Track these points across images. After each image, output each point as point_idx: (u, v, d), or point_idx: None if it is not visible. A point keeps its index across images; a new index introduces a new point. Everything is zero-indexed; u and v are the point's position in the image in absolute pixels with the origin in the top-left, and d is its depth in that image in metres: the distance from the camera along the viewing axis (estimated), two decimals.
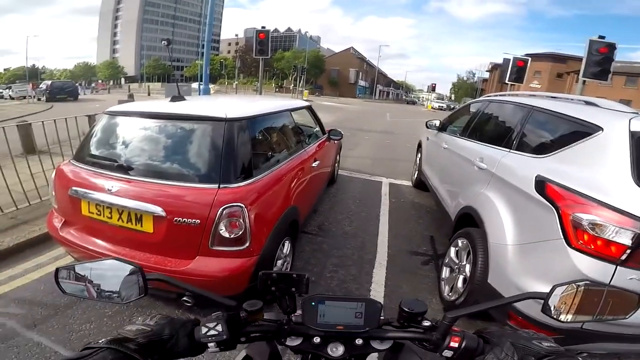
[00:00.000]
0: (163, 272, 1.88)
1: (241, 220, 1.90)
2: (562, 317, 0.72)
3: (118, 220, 2.01)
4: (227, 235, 1.90)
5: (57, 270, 0.69)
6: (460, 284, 2.44)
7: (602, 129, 1.87)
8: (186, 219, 1.88)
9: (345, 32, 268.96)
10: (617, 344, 1.74)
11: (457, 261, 2.60)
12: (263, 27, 9.53)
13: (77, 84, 28.71)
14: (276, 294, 0.72)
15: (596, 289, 0.73)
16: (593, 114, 2.04)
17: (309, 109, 4.05)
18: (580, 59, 7.27)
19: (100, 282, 0.69)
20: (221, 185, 1.93)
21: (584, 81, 7.27)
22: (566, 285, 0.73)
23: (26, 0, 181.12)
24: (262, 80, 11.34)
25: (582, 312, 0.73)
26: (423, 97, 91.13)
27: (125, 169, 2.10)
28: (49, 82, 23.74)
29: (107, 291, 0.69)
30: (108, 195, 2.00)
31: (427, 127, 4.98)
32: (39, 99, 22.07)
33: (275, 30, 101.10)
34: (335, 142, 4.45)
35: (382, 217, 4.22)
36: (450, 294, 2.54)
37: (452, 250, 2.69)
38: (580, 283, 0.73)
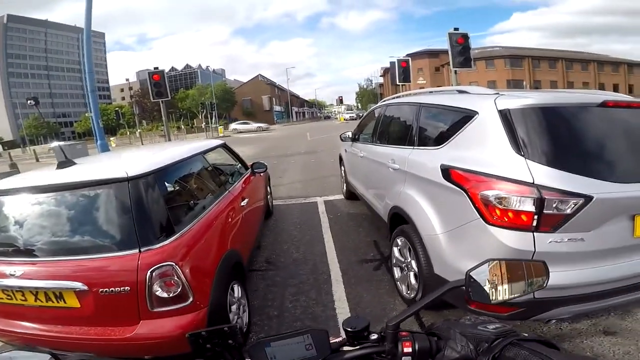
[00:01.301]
0: (107, 341, 1.78)
1: (176, 278, 1.80)
2: (497, 297, 0.75)
3: (35, 301, 1.83)
4: (165, 295, 1.79)
5: None
6: (413, 280, 2.54)
7: (477, 113, 2.10)
8: (113, 288, 1.73)
9: (251, 60, 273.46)
10: (574, 306, 1.79)
11: (403, 259, 2.70)
12: (156, 68, 9.03)
13: None
14: (216, 350, 0.69)
15: (511, 262, 0.76)
16: (467, 101, 2.30)
17: (224, 146, 3.93)
18: (447, 52, 8.51)
19: None
20: (142, 249, 1.81)
21: (455, 71, 8.45)
22: (481, 267, 0.76)
23: None
24: (167, 124, 10.67)
25: (513, 287, 0.75)
26: (335, 111, 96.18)
27: (25, 251, 1.90)
28: None
29: None
30: (13, 280, 1.80)
31: (342, 140, 5.29)
32: None
33: (173, 69, 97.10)
34: (261, 174, 4.39)
35: (325, 235, 4.31)
36: (408, 291, 2.62)
37: (395, 250, 2.81)
38: (491, 261, 0.76)
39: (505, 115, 1.93)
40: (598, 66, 45.43)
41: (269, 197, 5.19)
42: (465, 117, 2.21)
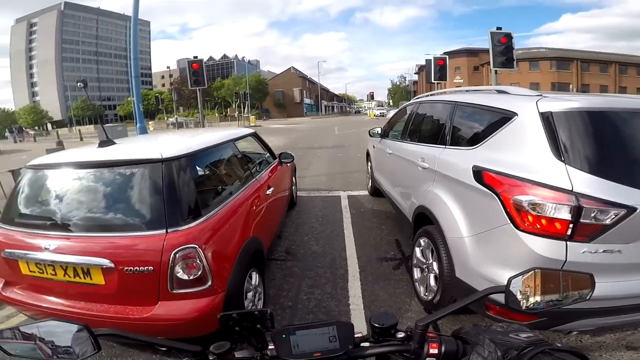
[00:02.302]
0: (126, 320, 1.82)
1: (198, 261, 1.84)
2: (527, 305, 0.74)
3: (64, 276, 1.90)
4: (185, 277, 1.83)
5: (1, 332, 0.64)
6: (432, 282, 2.49)
7: (517, 114, 2.00)
8: (138, 267, 1.79)
9: (284, 52, 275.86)
10: (600, 318, 1.74)
11: (424, 260, 2.64)
12: (195, 57, 9.30)
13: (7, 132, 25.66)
14: (242, 333, 0.70)
15: (550, 273, 0.75)
16: (506, 101, 2.20)
17: (254, 135, 3.99)
18: (488, 51, 8.12)
19: (53, 339, 0.65)
20: (169, 230, 1.85)
21: (496, 71, 8.06)
22: (522, 276, 0.74)
23: None
24: (202, 111, 11.01)
25: (545, 297, 0.74)
26: (365, 107, 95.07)
27: (61, 225, 1.97)
28: None
29: (62, 347, 0.65)
30: (47, 254, 1.87)
31: (371, 136, 5.20)
32: None
33: (211, 58, 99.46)
34: (288, 164, 4.42)
35: (346, 230, 4.28)
36: (426, 293, 2.57)
37: (417, 250, 2.75)
38: (535, 270, 0.74)
39: (548, 118, 1.82)
40: None
41: (293, 187, 5.22)
42: (503, 118, 2.11)
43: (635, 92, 38.62)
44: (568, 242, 1.63)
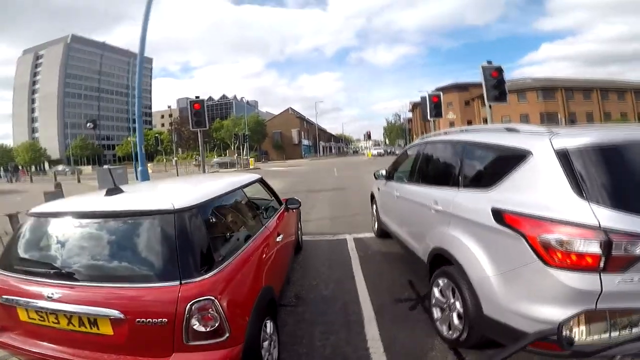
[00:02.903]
0: None
1: (214, 312, 1.77)
2: (580, 345, 0.76)
3: (68, 325, 1.82)
4: (202, 329, 1.75)
5: None
6: (456, 320, 2.44)
7: (531, 153, 2.02)
8: (150, 319, 1.71)
9: (282, 93, 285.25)
10: None
11: (444, 300, 2.61)
12: (197, 97, 9.14)
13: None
14: None
15: (597, 313, 0.78)
16: (518, 140, 2.21)
17: (261, 181, 3.97)
18: (477, 85, 8.38)
19: None
20: (183, 281, 1.79)
21: (490, 105, 8.20)
22: (570, 319, 0.77)
23: None
24: (203, 154, 10.70)
25: (598, 338, 0.77)
26: (362, 146, 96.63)
27: (66, 274, 1.91)
28: None
29: None
30: (49, 302, 1.81)
31: (376, 178, 5.24)
32: None
33: (210, 98, 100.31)
34: (294, 210, 4.39)
35: (355, 273, 4.17)
36: (450, 332, 2.52)
37: (436, 290, 2.71)
38: (582, 311, 0.78)
39: (564, 156, 1.86)
40: (636, 95, 43.34)
41: (299, 232, 5.17)
42: (518, 157, 2.13)
43: (619, 118, 40.30)
44: (602, 274, 1.66)
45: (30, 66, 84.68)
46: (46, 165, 60.73)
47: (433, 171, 3.51)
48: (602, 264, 1.65)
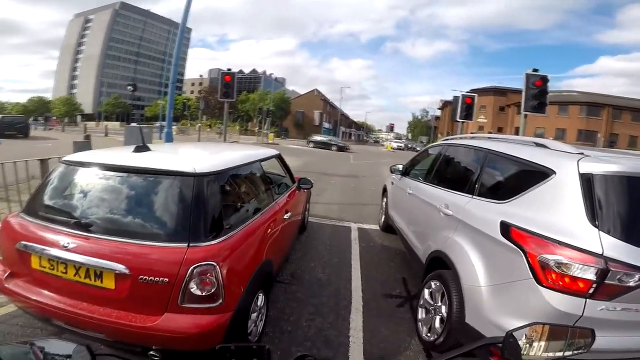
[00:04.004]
0: (127, 327, 1.79)
1: (213, 278, 1.83)
2: (531, 356, 0.77)
3: (74, 275, 1.88)
4: (198, 293, 1.81)
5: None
6: (437, 324, 2.48)
7: (555, 172, 1.99)
8: (153, 277, 1.77)
9: (311, 74, 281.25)
10: None
11: (432, 302, 2.64)
12: (229, 69, 9.37)
13: (30, 120, 26.60)
14: None
15: (556, 327, 0.78)
16: (545, 157, 2.17)
17: (279, 157, 4.04)
18: (517, 91, 7.88)
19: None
20: (191, 244, 1.85)
21: (525, 115, 7.80)
22: (523, 329, 0.78)
23: None
24: (226, 124, 11.18)
25: (544, 351, 0.78)
26: (382, 137, 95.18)
27: (84, 225, 1.96)
28: None
29: None
30: (64, 252, 1.86)
31: (391, 172, 5.20)
32: None
33: (240, 71, 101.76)
34: (305, 190, 4.45)
35: (353, 262, 4.23)
36: (428, 334, 2.57)
37: (426, 292, 2.74)
38: (539, 324, 0.79)
39: (588, 180, 1.82)
40: None
41: (306, 212, 5.23)
42: (540, 174, 2.10)
43: None
44: (588, 300, 1.68)
45: (79, 29, 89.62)
46: (78, 118, 63.37)
47: (450, 174, 3.48)
48: (591, 290, 1.67)
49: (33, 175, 4.16)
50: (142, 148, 2.35)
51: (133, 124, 14.41)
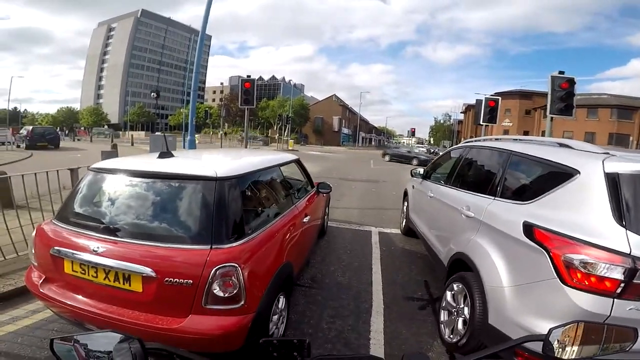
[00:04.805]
0: (155, 329, 1.84)
1: (235, 280, 1.87)
2: (565, 356, 0.75)
3: (104, 279, 1.95)
4: (221, 294, 1.86)
5: (52, 341, 0.69)
6: (460, 325, 2.46)
7: (579, 172, 1.96)
8: (178, 280, 1.83)
9: (330, 79, 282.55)
10: None
11: (454, 304, 2.61)
12: (248, 76, 9.50)
13: (58, 130, 27.99)
14: None
15: (594, 326, 0.77)
16: (568, 157, 2.14)
17: (298, 162, 4.10)
18: (543, 94, 7.57)
19: (98, 352, 0.68)
20: (213, 246, 1.90)
21: (552, 118, 7.52)
22: (563, 327, 0.76)
23: (23, 38, 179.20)
24: (247, 130, 11.34)
25: (584, 350, 0.75)
26: (404, 142, 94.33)
27: (112, 230, 2.04)
28: (30, 128, 22.42)
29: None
30: (94, 256, 1.93)
31: (412, 176, 5.15)
32: (18, 146, 21.00)
33: (260, 78, 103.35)
34: (324, 195, 4.48)
35: (374, 265, 4.21)
36: (451, 336, 2.54)
37: (448, 294, 2.71)
38: (578, 322, 0.76)
39: (613, 179, 1.79)
40: None
41: (326, 217, 5.25)
42: (564, 174, 2.07)
43: None
44: (615, 299, 1.65)
45: (103, 37, 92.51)
46: (105, 128, 66.16)
47: (472, 176, 3.44)
48: (619, 290, 1.64)
49: (64, 185, 4.37)
50: (166, 154, 2.44)
51: (157, 133, 14.93)
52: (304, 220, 3.25)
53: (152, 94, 3.66)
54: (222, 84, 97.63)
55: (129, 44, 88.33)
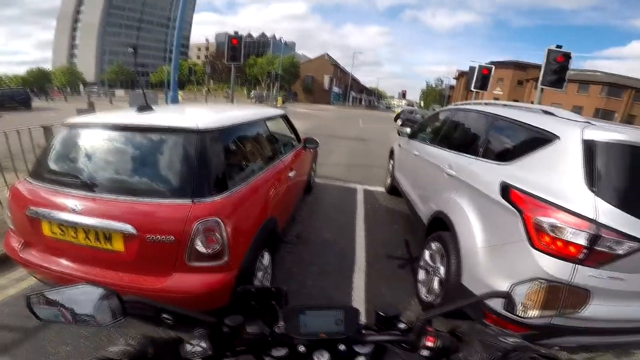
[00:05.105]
0: (138, 290, 1.82)
1: (218, 235, 1.85)
2: (528, 314, 0.78)
3: (85, 239, 1.89)
4: (204, 250, 1.84)
5: (28, 297, 0.67)
6: (436, 285, 2.54)
7: (558, 138, 2.00)
8: (160, 236, 1.80)
9: (322, 39, 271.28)
10: (585, 337, 1.83)
11: (431, 264, 2.69)
12: (236, 33, 9.35)
13: (29, 91, 26.62)
14: (256, 308, 0.74)
15: (554, 285, 0.80)
16: (550, 123, 2.18)
17: (284, 117, 4.04)
18: (538, 67, 7.69)
19: (75, 307, 0.68)
20: (195, 200, 1.86)
21: (542, 89, 7.75)
22: (527, 283, 0.78)
23: None
24: (233, 87, 11.18)
25: (544, 308, 0.78)
26: (394, 104, 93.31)
27: (90, 185, 1.95)
28: None
29: (83, 315, 0.68)
30: (72, 215, 1.86)
31: (399, 135, 5.16)
32: None
33: (249, 35, 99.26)
34: (311, 150, 4.47)
35: (358, 223, 4.31)
36: (427, 295, 2.64)
37: (427, 253, 2.79)
38: (540, 280, 0.79)
39: (589, 147, 1.82)
40: None
41: (312, 173, 5.27)
42: (543, 139, 2.10)
43: None
44: (577, 265, 1.69)
45: None
46: (81, 87, 62.94)
47: (457, 137, 3.46)
48: (581, 256, 1.68)
49: (38, 143, 4.18)
50: (144, 108, 2.34)
51: (137, 90, 14.28)
52: (290, 175, 3.24)
53: (129, 49, 3.40)
54: (207, 40, 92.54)
55: (106, 2, 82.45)
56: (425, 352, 0.72)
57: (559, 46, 7.47)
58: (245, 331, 0.72)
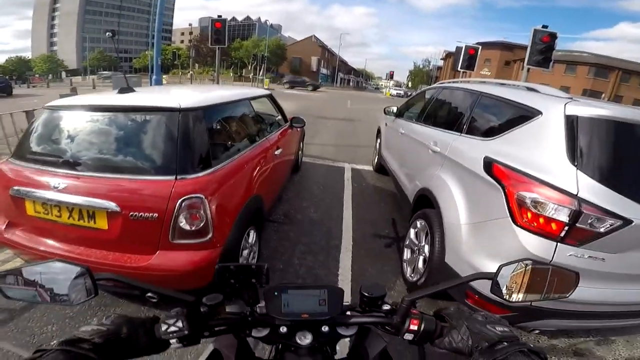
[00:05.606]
0: (123, 268, 1.84)
1: (202, 212, 1.86)
2: (513, 297, 0.74)
3: (69, 218, 1.90)
4: (188, 227, 1.84)
5: (2, 276, 0.64)
6: (420, 264, 2.53)
7: (541, 113, 1.99)
8: (143, 213, 1.80)
9: (309, 20, 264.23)
10: (565, 320, 1.83)
11: (417, 242, 2.68)
12: (219, 16, 9.35)
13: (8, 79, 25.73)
14: (236, 286, 0.70)
15: (541, 268, 0.75)
16: (533, 99, 2.16)
17: (270, 97, 4.01)
18: (525, 47, 7.71)
19: (52, 286, 0.65)
20: (178, 177, 1.87)
21: (529, 69, 7.75)
22: (513, 264, 0.74)
23: None
24: (218, 68, 11.07)
25: (530, 291, 0.74)
26: (382, 85, 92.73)
27: (72, 164, 1.96)
28: None
29: (58, 294, 0.65)
30: (55, 193, 1.86)
31: (385, 114, 5.15)
32: None
33: (234, 19, 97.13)
34: (298, 129, 4.45)
35: (345, 202, 4.33)
36: (412, 274, 2.63)
37: (412, 231, 2.79)
38: (526, 262, 0.74)
39: (572, 122, 1.81)
40: None
41: (300, 152, 5.26)
42: (527, 115, 2.10)
43: None
44: (559, 244, 1.67)
45: None
46: (63, 74, 61.12)
47: (442, 115, 3.47)
48: (563, 233, 1.65)
49: (21, 128, 4.10)
50: (126, 90, 2.34)
51: (119, 74, 13.96)
52: (276, 153, 3.23)
53: (108, 34, 3.28)
54: (190, 25, 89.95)
55: None
56: (409, 336, 0.70)
57: (544, 26, 7.49)
58: (225, 311, 0.70)
